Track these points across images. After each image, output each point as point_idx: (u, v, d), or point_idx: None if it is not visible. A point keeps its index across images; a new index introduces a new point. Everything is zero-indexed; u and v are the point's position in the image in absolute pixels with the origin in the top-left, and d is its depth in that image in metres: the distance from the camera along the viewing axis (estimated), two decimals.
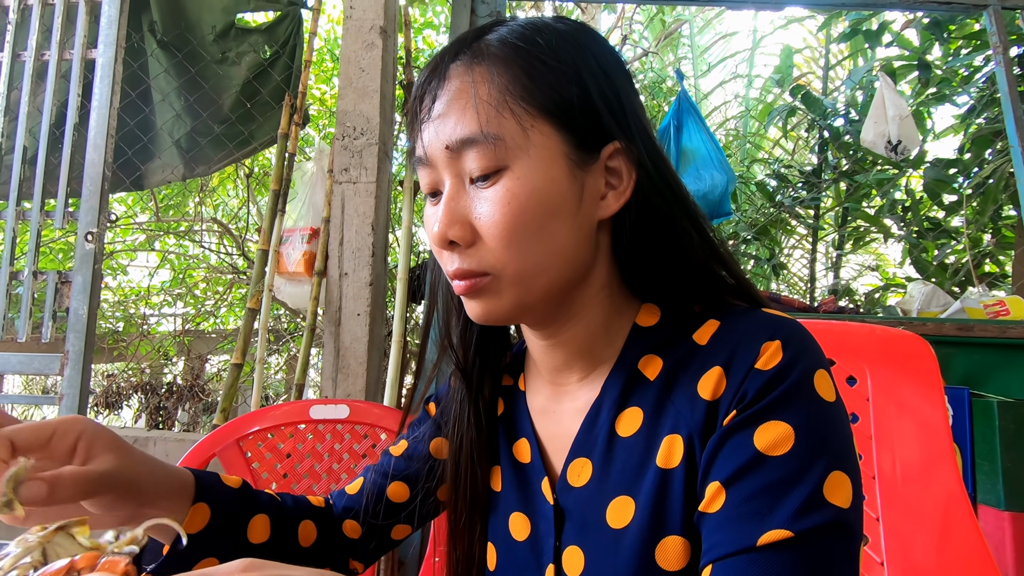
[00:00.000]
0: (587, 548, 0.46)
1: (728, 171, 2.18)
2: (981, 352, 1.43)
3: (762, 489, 0.38)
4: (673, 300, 0.49)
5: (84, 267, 1.56)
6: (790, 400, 0.40)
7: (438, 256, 0.48)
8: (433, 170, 0.46)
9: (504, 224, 0.43)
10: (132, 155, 2.07)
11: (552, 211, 0.44)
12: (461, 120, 0.44)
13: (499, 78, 0.44)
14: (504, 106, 0.43)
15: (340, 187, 1.71)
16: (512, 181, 0.43)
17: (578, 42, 0.46)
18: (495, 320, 0.47)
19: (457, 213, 0.44)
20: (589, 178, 0.46)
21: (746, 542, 0.37)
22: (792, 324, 0.44)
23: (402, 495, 0.59)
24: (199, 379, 3.70)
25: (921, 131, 2.42)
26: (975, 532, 0.68)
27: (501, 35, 0.46)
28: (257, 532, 0.53)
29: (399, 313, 1.70)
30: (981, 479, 1.23)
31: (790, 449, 0.39)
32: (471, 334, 0.55)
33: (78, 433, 0.43)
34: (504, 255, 0.44)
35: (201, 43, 2.06)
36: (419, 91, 0.47)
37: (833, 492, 0.38)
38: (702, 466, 0.42)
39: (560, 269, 0.45)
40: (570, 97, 0.44)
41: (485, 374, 0.56)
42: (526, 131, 0.43)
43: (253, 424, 1.04)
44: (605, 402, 0.48)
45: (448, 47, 0.47)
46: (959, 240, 2.86)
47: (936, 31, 2.78)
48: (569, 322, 0.49)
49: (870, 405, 0.78)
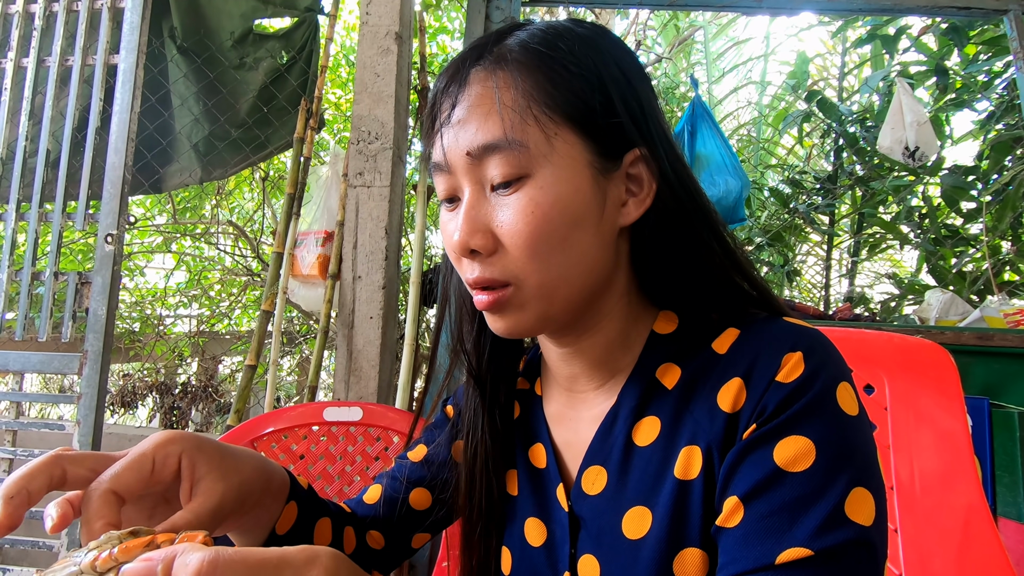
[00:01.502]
0: (602, 557, 0.46)
1: (742, 177, 2.16)
2: (1001, 362, 1.40)
3: (782, 506, 0.37)
4: (691, 308, 0.48)
5: (104, 268, 1.59)
6: (811, 414, 0.39)
7: (456, 264, 0.47)
8: (451, 176, 0.45)
9: (528, 234, 0.42)
10: (151, 158, 2.11)
11: (576, 220, 0.43)
12: (483, 126, 0.43)
13: (523, 84, 0.43)
14: (528, 112, 0.42)
15: (354, 191, 1.73)
16: (535, 190, 0.42)
17: (599, 47, 0.45)
18: (519, 334, 0.46)
19: (478, 221, 0.44)
20: (611, 186, 0.45)
21: (765, 560, 0.37)
22: (814, 334, 0.43)
23: (424, 502, 0.58)
24: (213, 380, 3.75)
25: (939, 137, 2.39)
26: (996, 545, 0.67)
27: (522, 40, 0.45)
28: (322, 535, 0.53)
29: (411, 317, 1.71)
30: (1001, 491, 1.21)
31: (811, 465, 0.38)
32: (485, 341, 0.54)
33: (178, 455, 0.40)
34: (528, 265, 0.43)
35: (220, 49, 2.09)
36: (438, 96, 0.46)
37: (855, 509, 0.37)
38: (721, 479, 0.41)
39: (583, 279, 0.45)
40: (593, 104, 0.43)
41: (499, 381, 0.55)
42: (550, 139, 0.43)
43: (267, 425, 1.05)
44: (622, 411, 0.48)
45: (467, 51, 0.46)
46: (978, 248, 2.82)
47: (955, 36, 2.75)
48: (588, 331, 0.48)
49: (888, 414, 0.76)
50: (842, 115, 3.26)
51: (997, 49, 2.71)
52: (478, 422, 0.54)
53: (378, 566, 0.58)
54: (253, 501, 0.45)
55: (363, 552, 0.57)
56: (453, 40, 3.91)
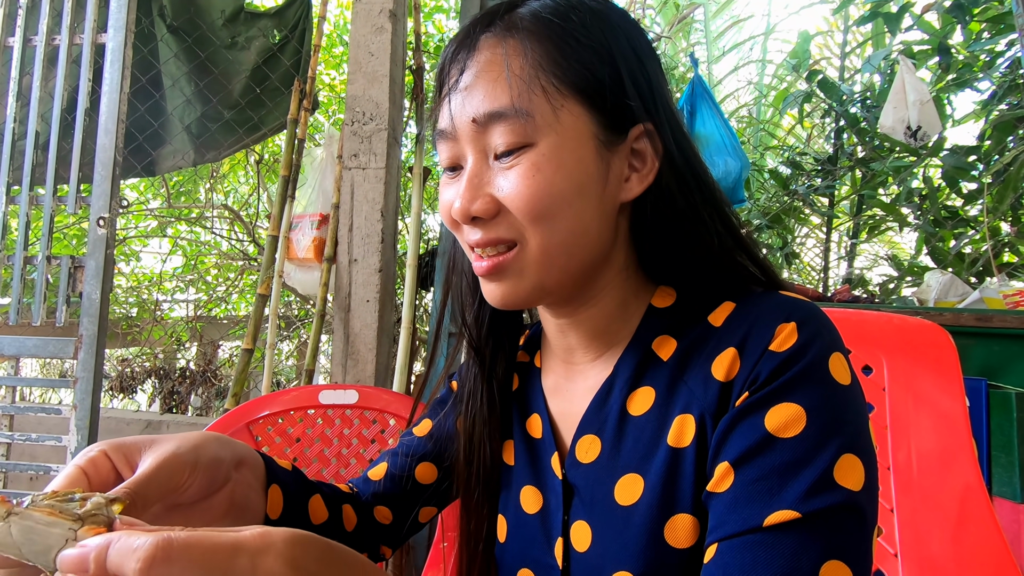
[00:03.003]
0: (595, 523, 0.46)
1: (742, 157, 2.14)
2: (1000, 343, 1.40)
3: (771, 470, 0.38)
4: (690, 283, 0.48)
5: (96, 252, 1.57)
6: (803, 382, 0.39)
7: (455, 231, 0.47)
8: (455, 143, 0.45)
9: (528, 196, 0.42)
10: (143, 141, 2.08)
11: (577, 191, 0.43)
12: (491, 93, 0.43)
13: (532, 53, 0.43)
14: (536, 82, 0.42)
15: (349, 173, 1.71)
16: (538, 157, 0.42)
17: (610, 21, 0.45)
18: (515, 304, 0.46)
19: (480, 188, 0.44)
20: (615, 159, 0.45)
21: (753, 522, 0.37)
22: (808, 306, 0.43)
23: (430, 476, 0.59)
24: (211, 364, 3.75)
25: (941, 117, 2.36)
26: (993, 525, 0.67)
27: (534, 9, 0.45)
28: (318, 513, 0.53)
29: (408, 300, 1.70)
30: (997, 471, 1.22)
31: (801, 431, 0.38)
32: (484, 314, 0.55)
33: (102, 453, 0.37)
34: (530, 225, 0.43)
35: (211, 28, 2.05)
36: (447, 61, 0.46)
37: (844, 475, 0.37)
38: (712, 446, 0.42)
39: (582, 250, 0.45)
40: (601, 77, 0.44)
41: (498, 352, 0.56)
42: (556, 109, 0.43)
43: (263, 408, 1.05)
44: (617, 381, 0.48)
45: (479, 17, 0.46)
46: (977, 229, 2.81)
47: (958, 14, 2.70)
48: (586, 304, 0.49)
49: (886, 395, 0.76)
50: (843, 95, 3.23)
51: (1001, 27, 2.67)
52: (477, 391, 0.56)
53: (387, 540, 0.59)
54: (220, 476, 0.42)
55: (370, 527, 0.58)
56: (449, 19, 3.84)
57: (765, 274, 0.48)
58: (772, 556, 0.36)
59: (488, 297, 0.47)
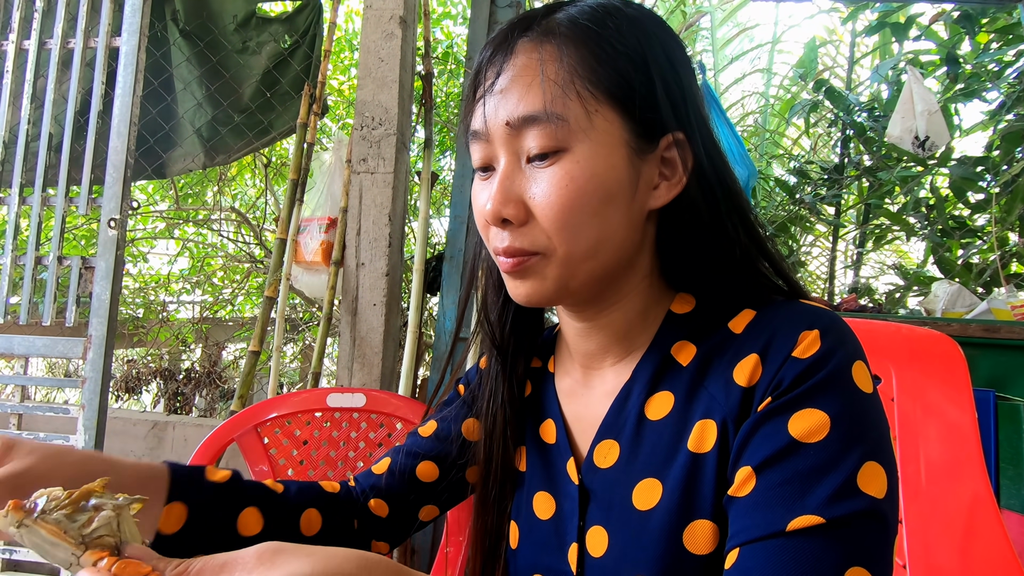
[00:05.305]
0: (612, 528, 0.46)
1: (749, 165, 2.15)
2: (1008, 354, 1.39)
3: (794, 475, 0.38)
4: (710, 291, 0.49)
5: (107, 253, 1.58)
6: (827, 389, 0.39)
7: (484, 233, 0.48)
8: (489, 145, 0.46)
9: (560, 206, 0.43)
10: (154, 143, 2.10)
11: (608, 197, 0.43)
12: (525, 97, 0.43)
13: (568, 58, 0.43)
14: (571, 87, 0.43)
15: (358, 177, 1.72)
16: (571, 164, 0.43)
17: (646, 29, 0.46)
18: (538, 302, 0.47)
19: (512, 192, 0.44)
20: (645, 167, 0.45)
21: (775, 527, 0.37)
22: (830, 315, 0.43)
23: (431, 474, 0.59)
24: (216, 366, 3.76)
25: (948, 128, 2.36)
26: (1001, 536, 0.67)
27: (571, 15, 0.45)
28: (249, 524, 0.53)
29: (415, 304, 1.71)
30: (1005, 483, 1.21)
31: (825, 437, 0.38)
32: (508, 313, 0.56)
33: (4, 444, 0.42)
34: (557, 236, 0.43)
35: (222, 32, 2.07)
36: (483, 64, 0.46)
37: (867, 482, 0.37)
38: (734, 451, 0.41)
39: (608, 255, 0.45)
40: (636, 85, 0.44)
41: (520, 353, 0.57)
42: (590, 115, 0.43)
43: (272, 410, 1.05)
44: (636, 386, 0.48)
45: (516, 21, 0.47)
46: (985, 240, 2.80)
47: (967, 24, 2.70)
48: (608, 308, 0.49)
49: (895, 405, 0.76)
50: (850, 104, 3.23)
51: (1010, 37, 2.67)
52: (497, 391, 0.56)
53: (383, 535, 0.60)
54: None
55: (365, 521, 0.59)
56: (457, 25, 3.86)
57: (788, 283, 0.48)
58: (794, 561, 0.35)
59: (513, 294, 0.47)
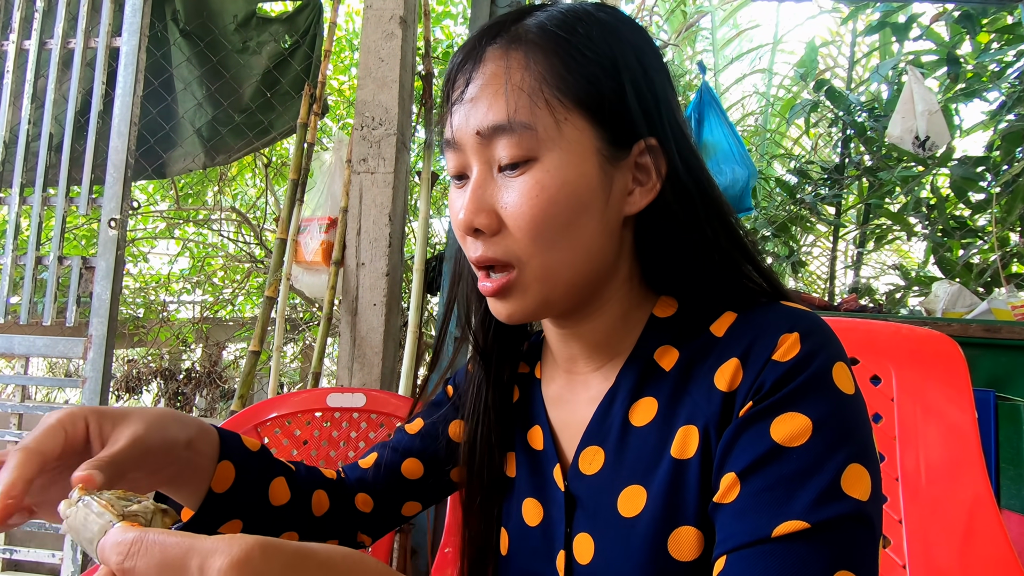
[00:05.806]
0: (597, 536, 0.46)
1: (749, 166, 2.15)
2: (1008, 354, 1.39)
3: (778, 480, 0.38)
4: (692, 294, 0.48)
5: (107, 253, 1.58)
6: (808, 392, 0.39)
7: (461, 242, 0.47)
8: (461, 154, 0.46)
9: (531, 216, 0.42)
10: (154, 143, 2.10)
11: (581, 206, 0.43)
12: (494, 106, 0.43)
13: (535, 66, 0.43)
14: (539, 95, 0.42)
15: (358, 177, 1.72)
16: (542, 173, 0.42)
17: (618, 33, 0.45)
18: (521, 319, 0.47)
19: (484, 201, 0.44)
20: (618, 174, 0.45)
21: (761, 533, 0.37)
22: (811, 316, 0.43)
23: (415, 472, 0.59)
24: (217, 366, 3.76)
25: (949, 128, 2.36)
26: (1001, 536, 0.67)
27: (540, 21, 0.45)
28: (278, 494, 0.53)
29: (415, 304, 1.71)
30: (1005, 484, 1.21)
31: (807, 441, 0.38)
32: (490, 319, 0.55)
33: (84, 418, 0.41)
34: (530, 247, 0.43)
35: (223, 32, 2.08)
36: (454, 71, 0.46)
37: (851, 484, 0.37)
38: (717, 457, 0.41)
39: (585, 265, 0.45)
40: (606, 91, 0.43)
41: (504, 359, 0.56)
42: (559, 123, 0.43)
43: (272, 410, 1.05)
44: (619, 392, 0.48)
45: (486, 28, 0.46)
46: (986, 240, 2.80)
47: (967, 24, 2.70)
48: (589, 315, 0.49)
49: (895, 405, 0.76)
50: (850, 104, 3.22)
51: (1010, 38, 2.67)
52: (481, 397, 0.55)
53: (366, 529, 0.60)
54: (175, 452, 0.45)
55: (349, 514, 0.59)
56: (457, 25, 3.87)
57: (770, 285, 0.48)
58: (781, 566, 0.35)
59: (495, 314, 0.47)
